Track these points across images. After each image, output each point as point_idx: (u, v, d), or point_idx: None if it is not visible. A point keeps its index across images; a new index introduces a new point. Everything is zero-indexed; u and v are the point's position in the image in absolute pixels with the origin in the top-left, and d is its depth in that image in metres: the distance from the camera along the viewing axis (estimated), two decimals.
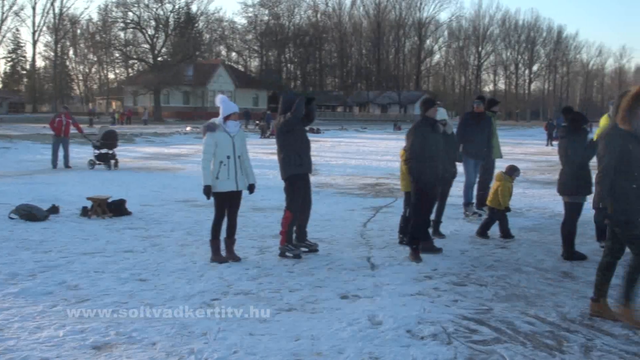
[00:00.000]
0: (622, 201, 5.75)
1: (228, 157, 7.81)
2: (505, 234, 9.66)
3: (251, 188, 8.14)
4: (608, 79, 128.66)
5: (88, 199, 11.20)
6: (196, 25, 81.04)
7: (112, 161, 20.06)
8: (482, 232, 9.73)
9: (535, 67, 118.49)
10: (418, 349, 5.11)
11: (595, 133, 8.79)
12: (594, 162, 8.60)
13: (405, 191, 9.18)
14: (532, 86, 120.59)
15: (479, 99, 11.95)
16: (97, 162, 19.92)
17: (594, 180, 8.58)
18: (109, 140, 20.25)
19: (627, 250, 5.94)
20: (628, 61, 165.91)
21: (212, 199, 7.94)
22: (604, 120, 9.02)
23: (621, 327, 5.73)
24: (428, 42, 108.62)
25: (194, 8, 79.56)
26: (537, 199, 14.19)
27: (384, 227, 10.35)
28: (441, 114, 9.33)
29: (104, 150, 20.08)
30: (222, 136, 7.83)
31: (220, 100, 8.14)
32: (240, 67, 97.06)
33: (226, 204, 8.00)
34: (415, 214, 8.36)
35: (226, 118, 7.93)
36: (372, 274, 7.46)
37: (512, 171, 9.93)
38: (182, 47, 74.44)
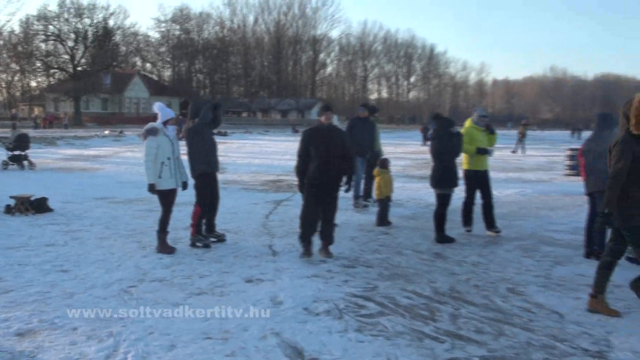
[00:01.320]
0: (636, 207, 5.34)
1: (168, 159, 7.68)
2: (384, 221, 9.88)
3: (184, 185, 8.02)
4: (471, 90, 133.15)
5: (11, 197, 10.65)
6: (113, 38, 78.10)
7: (25, 162, 19.22)
8: (381, 222, 9.90)
9: (412, 79, 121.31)
10: (314, 324, 5.16)
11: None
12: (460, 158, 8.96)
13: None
14: (410, 95, 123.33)
15: (362, 106, 12.22)
16: (10, 162, 19.03)
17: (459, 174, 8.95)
18: (21, 142, 19.36)
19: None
20: (486, 75, 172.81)
21: (155, 197, 7.78)
22: (468, 123, 9.38)
23: (481, 297, 5.98)
24: (322, 56, 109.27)
25: (111, 23, 76.43)
26: (414, 191, 14.55)
27: (284, 219, 10.36)
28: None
29: (16, 152, 19.16)
30: (163, 139, 7.69)
31: (158, 107, 7.98)
32: (155, 77, 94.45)
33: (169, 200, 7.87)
34: (302, 214, 7.74)
35: (165, 123, 7.80)
36: (273, 260, 7.45)
37: (385, 163, 10.29)
38: (100, 58, 71.68)
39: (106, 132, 44.61)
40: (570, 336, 4.98)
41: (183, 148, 7.89)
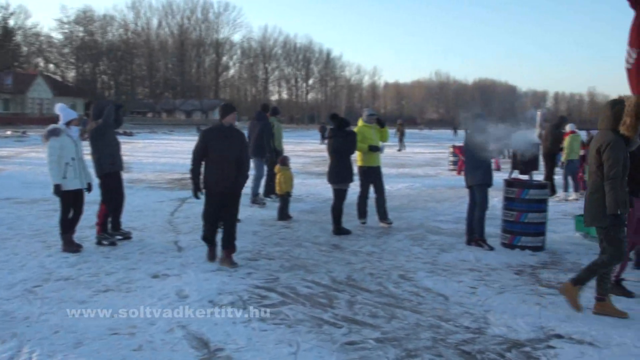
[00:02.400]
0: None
1: (73, 159, 7.33)
2: (285, 216, 9.91)
3: (89, 186, 7.67)
4: (365, 92, 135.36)
5: None
6: (14, 38, 73.75)
7: None
8: (282, 216, 9.91)
9: (310, 81, 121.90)
10: (219, 316, 5.11)
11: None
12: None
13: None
14: (309, 96, 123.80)
15: (263, 107, 12.30)
16: None
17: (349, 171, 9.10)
18: None
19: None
20: (379, 78, 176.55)
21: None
22: (360, 122, 9.57)
23: (375, 284, 6.13)
24: (224, 58, 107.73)
25: (11, 23, 72.31)
26: (313, 187, 14.69)
27: (189, 215, 10.17)
28: None
29: None
30: (66, 140, 7.34)
31: (59, 108, 7.64)
32: (58, 77, 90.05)
33: (72, 201, 7.47)
34: (204, 217, 7.01)
35: (68, 124, 7.45)
36: (179, 255, 7.31)
37: (286, 161, 10.34)
38: (1, 58, 67.53)
39: (8, 132, 42.05)
40: (454, 316, 5.20)
41: (86, 148, 7.59)
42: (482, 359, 4.28)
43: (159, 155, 26.86)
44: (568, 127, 13.47)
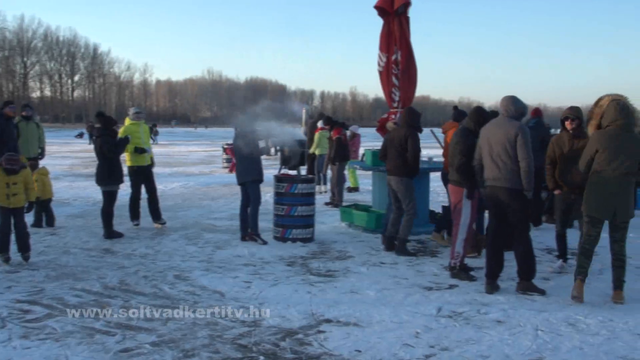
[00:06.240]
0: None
1: None
2: (40, 222, 9.16)
3: None
4: (136, 89, 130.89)
5: None
6: None
7: None
8: (38, 223, 9.09)
9: (76, 78, 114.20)
10: None
11: (120, 132, 8.88)
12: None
13: None
14: (75, 94, 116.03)
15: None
16: None
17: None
18: None
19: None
20: (150, 75, 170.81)
21: None
22: (127, 121, 9.16)
23: (150, 287, 5.94)
24: None
25: None
26: (82, 190, 13.81)
27: None
28: None
29: None
30: None
31: None
32: None
33: None
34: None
35: None
36: None
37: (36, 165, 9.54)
38: None
39: None
40: (230, 311, 5.24)
41: None
42: (257, 351, 4.37)
43: None
44: (319, 124, 13.96)
